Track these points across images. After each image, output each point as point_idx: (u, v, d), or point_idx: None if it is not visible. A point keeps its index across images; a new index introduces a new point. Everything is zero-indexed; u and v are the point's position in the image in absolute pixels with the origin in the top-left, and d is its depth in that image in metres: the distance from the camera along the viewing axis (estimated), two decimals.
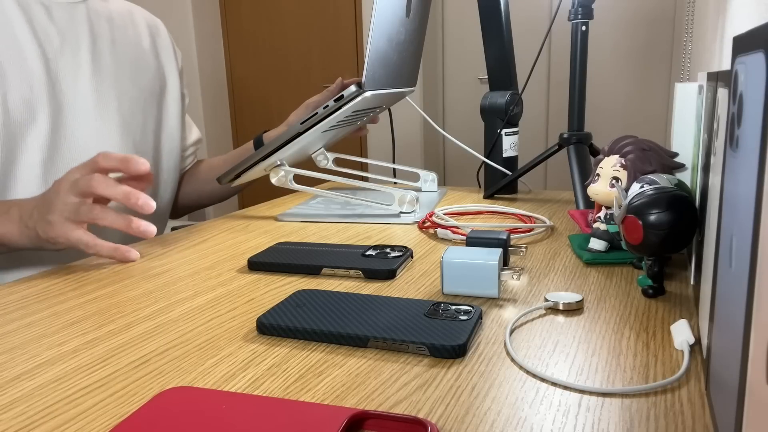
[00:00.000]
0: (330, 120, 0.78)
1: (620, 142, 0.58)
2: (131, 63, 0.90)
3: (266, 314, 0.45)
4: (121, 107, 0.88)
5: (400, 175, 2.69)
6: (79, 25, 0.83)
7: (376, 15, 0.72)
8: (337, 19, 3.33)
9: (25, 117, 0.76)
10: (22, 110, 0.76)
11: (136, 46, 0.92)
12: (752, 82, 0.23)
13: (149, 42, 0.95)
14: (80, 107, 0.82)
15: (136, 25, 0.94)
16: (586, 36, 0.83)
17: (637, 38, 2.94)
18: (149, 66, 0.94)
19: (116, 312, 0.50)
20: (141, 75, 0.92)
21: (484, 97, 0.97)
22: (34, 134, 0.77)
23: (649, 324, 0.44)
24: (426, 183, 1.01)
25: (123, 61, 0.89)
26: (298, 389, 0.36)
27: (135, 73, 0.91)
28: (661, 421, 0.32)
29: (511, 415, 0.33)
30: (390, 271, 0.56)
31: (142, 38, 0.94)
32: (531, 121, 3.22)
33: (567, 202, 0.90)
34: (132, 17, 0.94)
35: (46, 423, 0.33)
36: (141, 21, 0.95)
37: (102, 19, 0.87)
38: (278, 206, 0.95)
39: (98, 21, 0.87)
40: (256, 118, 3.65)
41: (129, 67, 0.90)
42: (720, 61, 0.98)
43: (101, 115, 0.85)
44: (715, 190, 0.36)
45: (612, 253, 0.59)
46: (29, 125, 0.77)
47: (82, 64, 0.83)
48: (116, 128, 0.87)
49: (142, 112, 0.91)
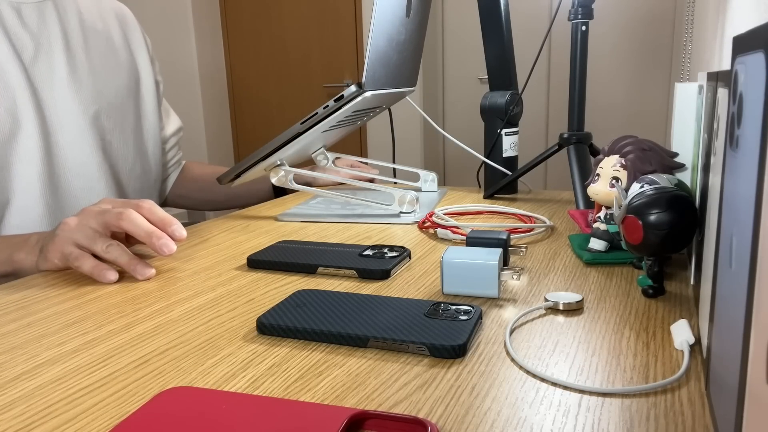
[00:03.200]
0: (330, 120, 0.78)
1: (620, 142, 0.58)
2: (105, 60, 0.88)
3: (266, 314, 0.45)
4: (101, 109, 0.86)
5: (400, 175, 2.69)
6: (51, 26, 0.81)
7: (376, 15, 0.72)
8: (337, 19, 3.33)
9: (11, 129, 0.75)
10: (7, 122, 0.75)
11: (107, 41, 0.90)
12: (752, 82, 0.23)
13: (119, 33, 0.93)
14: (63, 114, 0.81)
15: (105, 16, 0.91)
16: (586, 36, 0.83)
17: (637, 38, 2.94)
18: (122, 60, 0.92)
19: (116, 312, 0.50)
20: (116, 71, 0.90)
21: (484, 97, 0.97)
22: (23, 146, 0.76)
23: (649, 324, 0.44)
24: (426, 183, 1.01)
25: (97, 60, 0.87)
26: (298, 389, 0.36)
27: (109, 70, 0.89)
28: (661, 421, 0.32)
29: (511, 415, 0.33)
30: (384, 272, 0.56)
31: (112, 31, 0.92)
32: (531, 121, 3.22)
33: (567, 202, 0.90)
34: (99, 7, 0.91)
35: (46, 423, 0.33)
36: (108, 11, 0.93)
37: (71, 15, 0.85)
38: (278, 206, 0.95)
39: (67, 18, 0.84)
40: (256, 118, 3.65)
41: (103, 65, 0.88)
42: (720, 61, 0.98)
43: (83, 120, 0.84)
44: (715, 190, 0.36)
45: (612, 253, 0.59)
46: (16, 136, 0.75)
47: (57, 69, 0.81)
48: (99, 131, 0.86)
49: (121, 110, 0.90)
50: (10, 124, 0.75)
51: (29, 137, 0.76)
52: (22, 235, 0.67)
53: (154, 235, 0.59)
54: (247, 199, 1.07)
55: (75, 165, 0.83)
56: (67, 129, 0.82)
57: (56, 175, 0.81)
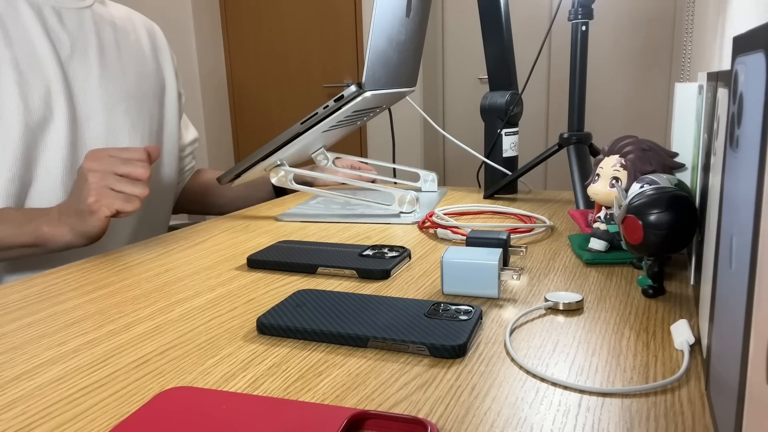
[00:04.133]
0: (330, 120, 0.78)
1: (620, 142, 0.58)
2: (134, 66, 0.94)
3: (266, 314, 0.45)
4: (129, 109, 0.91)
5: (400, 175, 2.69)
6: (87, 30, 0.87)
7: (376, 15, 0.72)
8: (337, 19, 3.33)
9: (44, 116, 0.79)
10: (42, 111, 0.79)
11: (137, 50, 0.96)
12: (752, 82, 0.23)
13: (149, 45, 0.99)
14: (92, 109, 0.86)
15: (136, 29, 0.98)
16: (586, 36, 0.83)
17: (637, 38, 2.93)
18: (150, 68, 0.97)
19: (116, 312, 0.50)
20: (144, 77, 0.95)
21: (484, 97, 0.97)
22: (52, 135, 0.80)
23: (649, 324, 0.44)
24: (426, 183, 1.01)
25: (127, 64, 0.92)
26: (298, 389, 0.36)
27: (138, 75, 0.94)
28: (661, 421, 0.32)
29: (511, 415, 0.33)
30: (384, 272, 0.56)
31: (142, 42, 0.98)
32: (531, 121, 3.22)
33: (567, 202, 0.90)
34: (131, 21, 0.98)
35: (46, 423, 0.33)
36: (140, 25, 0.99)
37: (106, 24, 0.91)
38: (278, 206, 0.95)
39: (103, 26, 0.90)
40: (256, 118, 3.65)
41: (133, 69, 0.93)
42: (720, 61, 0.98)
43: (111, 117, 0.88)
44: (715, 190, 0.36)
45: (612, 253, 0.59)
46: (48, 126, 0.80)
47: (91, 68, 0.86)
48: (125, 129, 0.90)
49: (147, 113, 0.95)
50: (44, 112, 0.79)
51: (59, 126, 0.81)
52: (40, 209, 0.72)
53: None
54: (251, 200, 1.09)
55: None
56: (94, 122, 0.86)
57: (79, 164, 0.84)
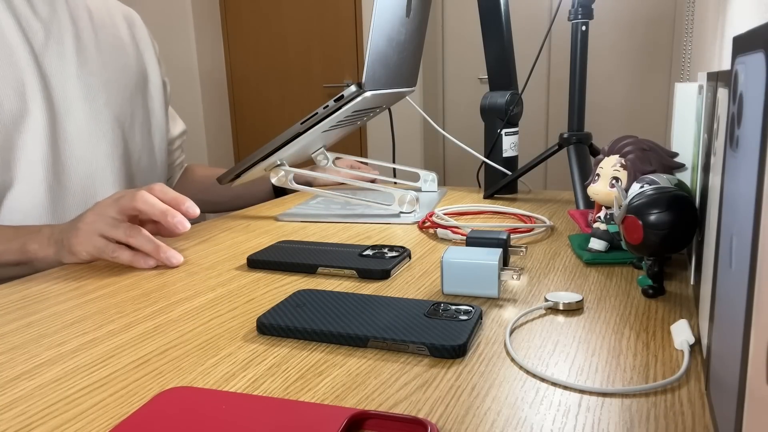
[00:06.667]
0: (330, 120, 0.78)
1: (620, 142, 0.58)
2: (114, 55, 0.90)
3: (266, 314, 0.45)
4: (110, 100, 0.87)
5: (400, 175, 2.69)
6: (61, 17, 0.83)
7: (376, 15, 0.72)
8: (337, 19, 3.33)
9: (19, 110, 0.75)
10: (15, 103, 0.75)
11: (115, 38, 0.91)
12: (752, 82, 0.23)
13: (127, 33, 0.95)
14: (71, 102, 0.82)
15: (113, 16, 0.93)
16: (586, 36, 0.83)
17: (637, 38, 2.93)
18: (130, 57, 0.93)
19: (116, 312, 0.50)
20: (124, 67, 0.91)
21: (484, 97, 0.97)
22: (30, 130, 0.77)
23: (649, 324, 0.44)
24: (426, 183, 1.01)
25: (106, 54, 0.89)
26: (298, 389, 0.36)
27: (118, 65, 0.90)
28: (661, 421, 0.32)
29: (511, 415, 0.33)
30: (384, 272, 0.56)
31: (120, 30, 0.93)
32: (531, 121, 3.22)
33: (567, 202, 0.90)
34: (108, 9, 0.93)
35: (46, 423, 0.33)
36: (117, 12, 0.95)
37: (82, 11, 0.87)
38: (278, 206, 0.95)
39: (78, 13, 0.86)
40: (256, 118, 3.65)
41: (112, 59, 0.89)
42: (720, 61, 0.98)
43: (92, 109, 0.85)
44: (715, 190, 0.36)
45: (612, 253, 0.59)
46: (24, 121, 0.76)
47: (68, 59, 0.82)
48: (107, 123, 0.87)
49: (129, 104, 0.91)
50: (18, 106, 0.75)
51: (36, 121, 0.77)
52: (30, 226, 0.68)
53: (169, 213, 0.60)
54: (249, 199, 1.08)
55: (81, 152, 0.83)
56: (75, 116, 0.82)
57: (61, 161, 0.81)
